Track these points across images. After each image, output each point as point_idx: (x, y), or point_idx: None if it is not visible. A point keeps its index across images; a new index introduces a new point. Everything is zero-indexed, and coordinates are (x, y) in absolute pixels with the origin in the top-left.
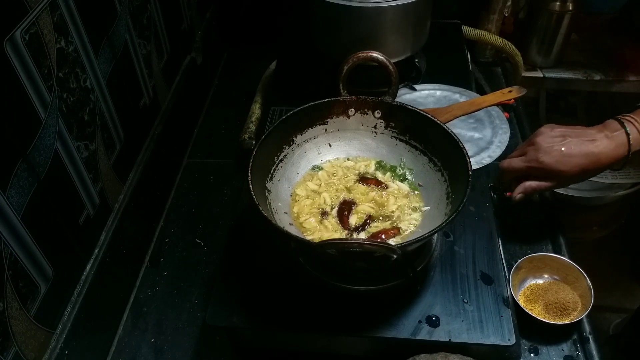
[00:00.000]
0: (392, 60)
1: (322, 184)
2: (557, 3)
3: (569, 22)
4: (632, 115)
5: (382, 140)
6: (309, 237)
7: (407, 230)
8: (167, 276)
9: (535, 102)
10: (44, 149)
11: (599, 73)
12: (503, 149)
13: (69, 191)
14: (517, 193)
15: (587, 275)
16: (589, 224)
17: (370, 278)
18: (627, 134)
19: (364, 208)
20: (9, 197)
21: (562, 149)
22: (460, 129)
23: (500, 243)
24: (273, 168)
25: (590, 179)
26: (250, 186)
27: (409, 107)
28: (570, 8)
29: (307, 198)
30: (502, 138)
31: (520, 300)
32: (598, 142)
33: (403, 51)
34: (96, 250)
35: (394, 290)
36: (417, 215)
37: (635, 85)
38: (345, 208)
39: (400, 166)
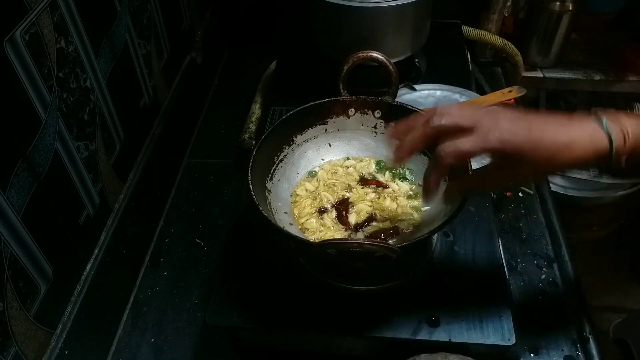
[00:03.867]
0: (392, 60)
1: (322, 184)
2: (557, 3)
3: (569, 22)
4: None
5: (382, 140)
6: (309, 237)
7: (406, 230)
8: (167, 276)
9: (535, 102)
10: (44, 149)
11: (599, 73)
12: None
13: (69, 191)
14: (467, 187)
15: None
16: (589, 224)
17: (370, 278)
18: (607, 132)
19: (363, 207)
20: (9, 197)
21: (530, 129)
22: None
23: (500, 243)
24: (273, 168)
25: (590, 179)
26: (250, 186)
27: (409, 107)
28: (570, 8)
29: (307, 198)
30: None
31: None
32: (571, 128)
33: (403, 51)
34: (96, 250)
35: (394, 290)
36: (417, 215)
37: (635, 85)
38: (343, 208)
39: (400, 166)
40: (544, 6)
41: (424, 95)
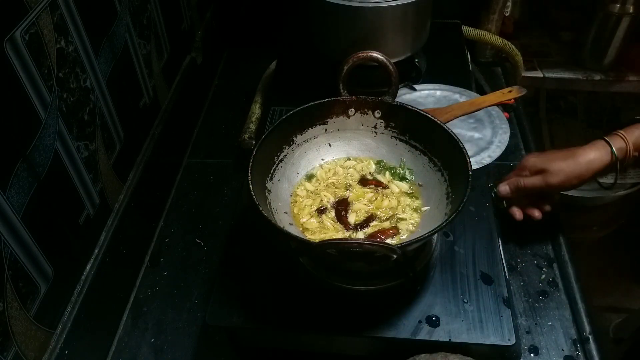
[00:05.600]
0: (392, 60)
1: (322, 184)
2: (617, 5)
3: (628, 24)
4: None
5: (382, 140)
6: (309, 237)
7: (406, 230)
8: (167, 276)
9: (535, 102)
10: (44, 149)
11: (599, 73)
12: (503, 149)
13: (69, 191)
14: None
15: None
16: (589, 224)
17: (370, 278)
18: (610, 145)
19: (363, 207)
20: (9, 197)
21: (567, 170)
22: (460, 129)
23: (500, 243)
24: (273, 168)
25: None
26: (250, 186)
27: (409, 107)
28: (631, 10)
29: (307, 198)
30: (502, 138)
31: None
32: (589, 152)
33: (403, 51)
34: (96, 250)
35: (394, 290)
36: (417, 215)
37: (635, 85)
38: (342, 208)
39: (400, 166)
40: (601, 8)
41: (424, 95)
